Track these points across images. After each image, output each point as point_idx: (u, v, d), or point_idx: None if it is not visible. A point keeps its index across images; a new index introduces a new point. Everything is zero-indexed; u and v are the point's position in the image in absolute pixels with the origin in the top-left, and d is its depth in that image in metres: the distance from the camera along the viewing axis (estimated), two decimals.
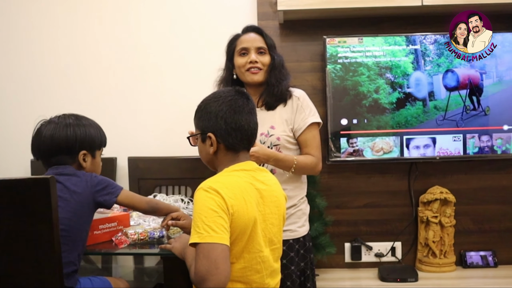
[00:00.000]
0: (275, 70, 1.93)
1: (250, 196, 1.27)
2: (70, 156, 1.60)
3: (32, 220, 1.22)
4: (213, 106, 1.34)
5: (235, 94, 1.37)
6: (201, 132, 1.37)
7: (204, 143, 1.37)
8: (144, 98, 2.76)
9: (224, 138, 1.33)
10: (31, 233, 1.22)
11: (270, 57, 1.94)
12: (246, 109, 1.35)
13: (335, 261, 2.66)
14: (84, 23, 2.78)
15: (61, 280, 1.26)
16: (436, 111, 2.52)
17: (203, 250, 1.16)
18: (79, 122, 1.64)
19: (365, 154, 2.53)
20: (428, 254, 2.59)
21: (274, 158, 1.79)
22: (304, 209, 1.96)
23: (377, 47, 2.52)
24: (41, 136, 1.59)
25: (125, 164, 2.68)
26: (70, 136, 1.59)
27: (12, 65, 2.82)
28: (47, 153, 1.60)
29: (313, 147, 1.93)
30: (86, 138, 1.62)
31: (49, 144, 1.58)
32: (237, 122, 1.32)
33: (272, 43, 1.98)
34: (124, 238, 1.61)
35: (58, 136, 1.58)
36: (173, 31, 2.74)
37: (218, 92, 1.40)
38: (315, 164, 1.92)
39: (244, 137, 1.34)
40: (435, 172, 2.64)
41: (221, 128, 1.32)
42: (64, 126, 1.60)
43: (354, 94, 2.52)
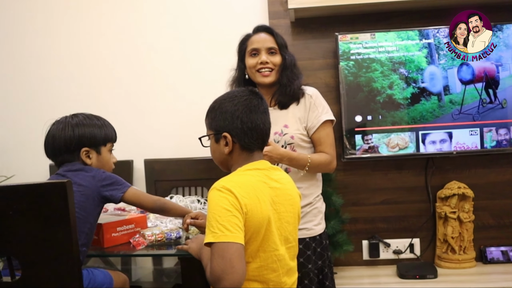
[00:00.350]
0: (287, 70, 1.92)
1: (263, 195, 1.28)
2: (72, 155, 1.64)
3: (50, 223, 1.24)
4: (229, 106, 1.34)
5: (249, 94, 1.37)
6: (215, 132, 1.37)
7: (218, 143, 1.37)
8: (158, 101, 2.78)
9: (240, 138, 1.33)
10: (50, 236, 1.24)
11: (281, 57, 1.93)
12: (261, 108, 1.35)
13: (353, 258, 2.65)
14: (98, 28, 2.82)
15: (80, 282, 1.28)
16: (451, 105, 2.49)
17: (218, 249, 1.17)
18: (82, 122, 1.67)
19: (381, 150, 2.51)
20: (447, 250, 2.56)
21: (287, 157, 1.78)
22: (320, 207, 1.95)
23: (390, 42, 2.50)
24: (48, 137, 1.65)
25: (142, 166, 2.70)
26: (67, 135, 1.62)
27: (29, 70, 2.87)
28: (52, 152, 1.65)
29: (327, 145, 1.92)
30: (85, 136, 1.64)
31: (52, 144, 1.64)
32: (253, 121, 1.32)
33: (283, 42, 1.96)
34: (142, 240, 1.62)
35: (58, 136, 1.63)
36: (185, 33, 2.76)
37: (232, 92, 1.40)
38: (329, 162, 1.90)
39: (259, 136, 1.34)
40: (452, 167, 2.61)
41: (237, 127, 1.32)
42: (64, 126, 1.64)
43: (368, 91, 2.51)
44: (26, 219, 1.22)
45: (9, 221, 1.23)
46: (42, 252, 1.25)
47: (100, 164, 1.68)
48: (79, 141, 1.63)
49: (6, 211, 1.21)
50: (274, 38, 1.95)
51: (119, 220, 1.70)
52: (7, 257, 1.28)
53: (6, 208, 1.21)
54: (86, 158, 1.64)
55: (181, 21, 2.76)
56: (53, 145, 1.63)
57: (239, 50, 2.01)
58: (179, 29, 2.76)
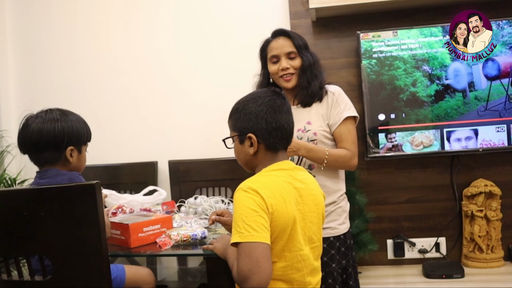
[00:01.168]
0: (306, 71, 1.92)
1: (288, 195, 1.28)
2: (58, 152, 1.58)
3: (80, 223, 1.27)
4: (253, 106, 1.35)
5: (272, 94, 1.38)
6: (240, 134, 1.38)
7: (243, 144, 1.38)
8: (183, 102, 2.82)
9: (265, 138, 1.34)
10: (80, 236, 1.27)
11: (301, 59, 1.93)
12: (284, 108, 1.36)
13: (378, 258, 2.63)
14: (120, 29, 2.87)
15: (109, 282, 1.31)
16: (477, 101, 2.45)
17: (245, 249, 1.18)
18: (65, 117, 1.60)
19: (405, 149, 2.49)
20: (474, 249, 2.53)
21: (304, 147, 1.79)
22: (344, 206, 1.95)
23: (413, 39, 2.47)
24: (28, 131, 1.56)
25: (166, 167, 2.74)
26: (58, 131, 1.56)
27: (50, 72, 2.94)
28: (35, 148, 1.57)
29: (348, 141, 1.91)
30: (74, 133, 1.59)
31: (37, 139, 1.55)
32: (277, 121, 1.33)
33: (302, 43, 1.96)
34: (168, 240, 1.65)
35: (47, 132, 1.55)
36: (206, 34, 2.79)
37: (255, 93, 1.40)
38: (349, 158, 1.89)
39: (284, 136, 1.35)
40: (478, 164, 2.57)
41: (262, 128, 1.33)
42: (51, 121, 1.57)
43: (390, 89, 2.49)
44: (58, 220, 1.26)
45: (41, 222, 1.27)
46: (72, 251, 1.28)
47: (79, 163, 1.64)
48: (68, 138, 1.58)
49: (39, 212, 1.25)
50: (292, 41, 1.94)
51: (145, 221, 1.73)
52: (39, 256, 1.32)
53: (38, 209, 1.25)
54: (69, 156, 1.59)
55: (205, 21, 2.79)
56: (38, 140, 1.55)
57: (261, 56, 2.03)
58: (202, 30, 2.79)
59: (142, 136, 2.86)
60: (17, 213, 1.28)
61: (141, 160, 2.79)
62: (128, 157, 2.81)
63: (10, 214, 1.29)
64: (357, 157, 1.93)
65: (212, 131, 2.68)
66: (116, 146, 2.83)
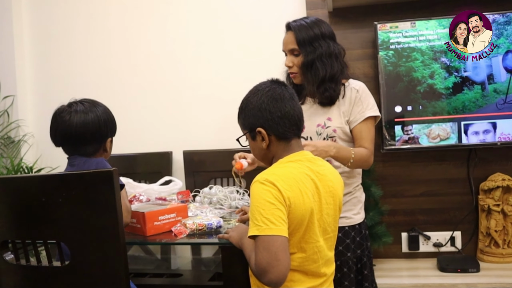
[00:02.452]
0: (307, 69, 1.82)
1: (306, 187, 1.27)
2: (100, 145, 1.60)
3: (97, 210, 1.28)
4: (254, 100, 1.35)
5: (271, 84, 1.38)
6: (249, 130, 1.37)
7: (255, 140, 1.37)
8: (197, 93, 2.82)
9: (273, 129, 1.33)
10: (97, 222, 1.28)
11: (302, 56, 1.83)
12: (286, 95, 1.34)
13: (392, 251, 2.62)
14: (135, 20, 2.87)
15: (126, 269, 1.31)
16: (496, 94, 2.41)
17: (263, 242, 1.18)
18: (100, 108, 1.61)
19: (421, 141, 2.47)
20: (490, 244, 2.50)
21: (333, 145, 1.72)
22: (359, 197, 1.93)
23: (431, 30, 2.44)
24: (71, 124, 1.54)
25: (181, 158, 2.75)
26: (102, 122, 1.58)
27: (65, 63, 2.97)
28: (78, 141, 1.56)
29: (367, 140, 1.85)
30: (112, 123, 1.62)
31: (81, 132, 1.54)
32: (281, 109, 1.32)
33: (307, 36, 1.81)
34: (183, 229, 1.65)
35: (92, 124, 1.55)
36: (223, 25, 2.78)
37: (255, 87, 1.40)
38: (368, 157, 1.84)
39: (292, 123, 1.34)
40: (496, 158, 2.54)
41: (268, 119, 1.32)
42: (91, 113, 1.57)
43: (408, 80, 2.46)
44: (75, 206, 1.27)
45: (59, 208, 1.28)
46: (89, 237, 1.29)
47: (108, 155, 1.66)
48: (109, 129, 1.61)
49: (56, 199, 1.26)
50: (294, 36, 1.83)
51: (161, 209, 1.73)
52: (57, 242, 1.33)
53: (56, 195, 1.26)
54: (108, 148, 1.62)
55: (220, 12, 2.79)
56: (84, 134, 1.54)
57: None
58: (217, 21, 2.78)
59: (157, 126, 2.87)
60: (36, 199, 1.29)
61: (156, 150, 2.80)
62: (143, 147, 2.82)
63: (29, 200, 1.30)
64: (373, 155, 1.88)
65: (227, 121, 2.67)
66: (131, 136, 2.84)
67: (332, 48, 1.84)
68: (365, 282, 1.88)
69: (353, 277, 1.83)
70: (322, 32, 1.84)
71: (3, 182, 1.38)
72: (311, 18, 1.90)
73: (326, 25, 1.88)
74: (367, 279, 1.88)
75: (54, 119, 1.60)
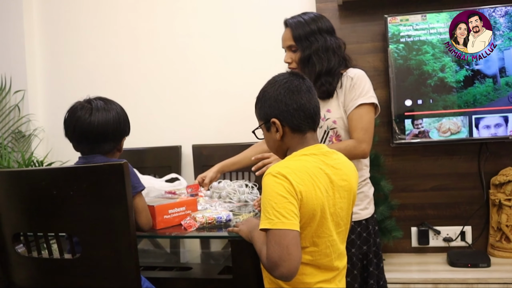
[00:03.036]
0: (305, 64, 1.83)
1: (319, 181, 1.26)
2: (117, 143, 1.59)
3: (108, 203, 1.29)
4: (271, 91, 1.35)
5: (289, 76, 1.37)
6: (265, 121, 1.37)
7: (270, 132, 1.37)
8: (206, 87, 2.82)
9: (288, 120, 1.32)
10: (108, 215, 1.29)
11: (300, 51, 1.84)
12: (303, 88, 1.34)
13: (402, 245, 2.61)
14: (144, 15, 2.88)
15: (136, 262, 1.32)
16: (508, 88, 2.38)
17: (275, 236, 1.17)
18: (116, 106, 1.59)
19: (431, 135, 2.45)
20: (501, 239, 2.48)
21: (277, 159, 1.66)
22: (367, 192, 1.90)
23: (442, 23, 2.41)
24: (93, 122, 1.50)
25: (190, 152, 2.75)
26: (122, 120, 1.57)
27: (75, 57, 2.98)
28: (97, 139, 1.52)
29: (356, 129, 1.77)
30: (128, 122, 1.62)
31: (103, 131, 1.52)
32: (297, 101, 1.31)
33: (302, 33, 1.82)
34: (193, 222, 1.65)
35: (113, 122, 1.53)
36: (231, 19, 2.77)
37: (272, 78, 1.39)
38: (352, 147, 1.75)
39: (307, 115, 1.33)
40: (507, 152, 2.51)
41: (283, 110, 1.32)
42: (111, 111, 1.55)
43: (418, 74, 2.44)
44: (86, 199, 1.28)
45: (70, 201, 1.28)
46: (100, 230, 1.30)
47: (120, 154, 1.65)
48: (128, 128, 1.61)
49: (67, 192, 1.27)
50: (291, 32, 1.85)
51: (171, 203, 1.73)
52: (68, 235, 1.34)
53: (67, 188, 1.27)
54: (121, 147, 1.62)
55: (228, 6, 2.78)
56: (104, 132, 1.52)
57: None
58: (226, 14, 2.78)
59: (166, 120, 2.88)
60: (47, 192, 1.30)
61: (165, 144, 2.81)
62: (152, 141, 2.83)
63: (40, 193, 1.31)
64: (366, 143, 1.77)
65: (236, 115, 2.68)
66: (141, 130, 2.82)
67: (329, 42, 1.83)
68: (370, 279, 1.85)
69: (356, 273, 1.80)
70: (319, 27, 1.84)
71: (15, 175, 1.39)
72: (309, 14, 1.89)
73: (325, 20, 1.88)
74: (372, 276, 1.85)
75: (71, 116, 1.53)
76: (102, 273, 1.32)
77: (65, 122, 1.55)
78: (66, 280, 1.34)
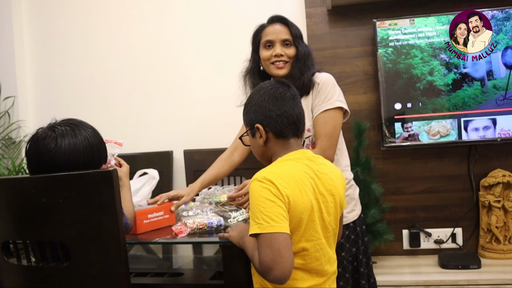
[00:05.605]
0: (299, 62, 1.85)
1: (304, 185, 1.28)
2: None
3: (97, 210, 1.28)
4: (256, 98, 1.38)
5: (275, 83, 1.40)
6: (250, 127, 1.39)
7: (255, 137, 1.39)
8: (197, 92, 2.82)
9: (271, 126, 1.34)
10: (97, 223, 1.28)
11: (296, 48, 1.87)
12: (287, 95, 1.36)
13: (393, 248, 2.62)
14: (135, 20, 2.88)
15: (126, 267, 1.32)
16: (495, 90, 2.41)
17: (266, 240, 1.18)
18: (89, 131, 1.38)
19: (421, 138, 2.47)
20: (491, 240, 2.50)
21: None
22: (352, 194, 1.90)
23: (430, 27, 2.44)
24: (56, 154, 1.31)
25: (181, 157, 2.75)
26: (94, 150, 1.38)
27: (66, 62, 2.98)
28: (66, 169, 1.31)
29: (320, 135, 1.76)
30: (103, 150, 1.43)
31: (71, 161, 1.33)
32: (280, 108, 1.34)
33: (298, 33, 1.89)
34: (184, 228, 1.65)
35: (83, 151, 1.34)
36: (223, 23, 2.78)
37: (259, 86, 1.43)
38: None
39: (291, 121, 1.35)
40: (496, 154, 2.54)
41: (266, 116, 1.34)
42: (83, 138, 1.35)
43: (407, 78, 2.46)
44: (75, 206, 1.27)
45: (59, 208, 1.28)
46: (90, 237, 1.29)
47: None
48: (103, 157, 1.43)
49: (57, 200, 1.26)
50: (289, 29, 1.88)
51: (149, 208, 1.76)
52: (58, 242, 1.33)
53: (56, 196, 1.26)
54: None
55: (218, 10, 2.79)
56: (74, 162, 1.32)
57: (253, 41, 1.97)
58: (218, 18, 2.78)
59: (158, 125, 2.87)
60: (36, 199, 1.29)
61: (157, 149, 2.81)
62: (143, 146, 2.82)
63: (29, 200, 1.30)
64: (330, 149, 1.76)
65: (228, 120, 2.67)
66: (132, 135, 2.84)
67: (309, 49, 1.93)
68: (361, 280, 1.86)
69: (348, 276, 1.81)
70: (300, 33, 1.93)
71: (3, 183, 1.38)
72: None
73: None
74: (363, 276, 1.87)
75: (34, 147, 1.33)
76: (92, 280, 1.31)
77: (26, 154, 1.36)
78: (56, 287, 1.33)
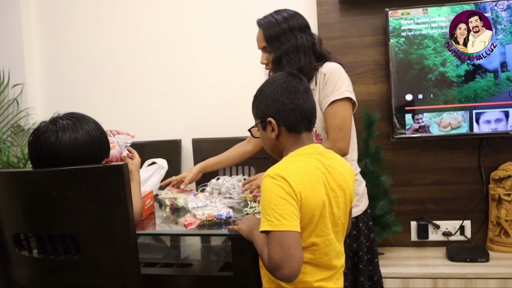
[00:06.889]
0: (278, 65, 1.81)
1: (316, 181, 1.27)
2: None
3: (108, 204, 1.29)
4: (268, 91, 1.35)
5: (287, 76, 1.37)
6: (261, 120, 1.37)
7: (266, 131, 1.37)
8: (206, 80, 2.80)
9: (284, 120, 1.33)
10: (108, 216, 1.29)
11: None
12: (300, 88, 1.34)
13: (401, 239, 2.61)
14: (144, 8, 2.85)
15: (137, 261, 1.32)
16: (509, 82, 2.37)
17: (276, 238, 1.18)
18: (91, 125, 1.39)
19: (432, 130, 2.44)
20: (500, 233, 2.49)
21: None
22: (356, 189, 1.82)
23: (443, 17, 2.39)
24: (57, 148, 1.32)
25: (190, 146, 2.75)
26: (95, 145, 1.38)
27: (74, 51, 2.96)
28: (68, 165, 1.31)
29: (331, 128, 1.74)
30: (105, 144, 1.43)
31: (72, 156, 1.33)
32: (293, 101, 1.32)
33: (273, 33, 1.80)
34: (193, 219, 1.65)
35: (83, 146, 1.34)
36: (230, 11, 2.75)
37: (271, 78, 1.40)
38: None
39: (303, 116, 1.34)
40: (507, 147, 2.51)
41: (280, 110, 1.32)
42: (85, 133, 1.35)
43: (419, 68, 2.43)
44: (86, 200, 1.28)
45: (70, 201, 1.28)
46: (100, 231, 1.30)
47: None
48: (104, 152, 1.43)
49: (67, 193, 1.27)
50: (263, 33, 1.84)
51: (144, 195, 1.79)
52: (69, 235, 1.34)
53: (67, 190, 1.27)
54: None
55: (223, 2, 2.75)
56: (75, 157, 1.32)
57: None
58: (225, 8, 2.75)
59: (166, 114, 2.87)
60: (46, 193, 1.29)
61: (165, 138, 2.80)
62: (152, 135, 2.82)
63: (40, 194, 1.31)
64: (341, 141, 1.72)
65: (236, 109, 2.67)
66: (140, 124, 2.84)
67: (300, 41, 1.80)
68: (360, 277, 1.85)
69: (346, 272, 1.78)
70: (290, 25, 1.81)
71: (14, 176, 1.39)
72: (282, 12, 1.86)
73: (298, 17, 1.84)
74: (362, 273, 1.85)
75: (35, 141, 1.34)
76: (102, 273, 1.33)
77: (29, 147, 1.38)
78: (67, 279, 1.34)
